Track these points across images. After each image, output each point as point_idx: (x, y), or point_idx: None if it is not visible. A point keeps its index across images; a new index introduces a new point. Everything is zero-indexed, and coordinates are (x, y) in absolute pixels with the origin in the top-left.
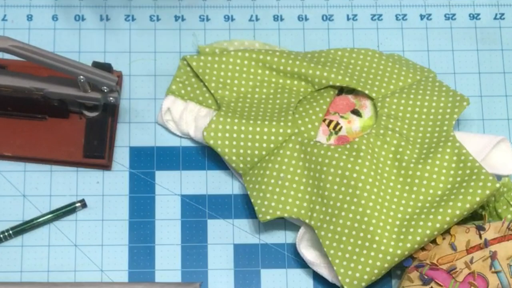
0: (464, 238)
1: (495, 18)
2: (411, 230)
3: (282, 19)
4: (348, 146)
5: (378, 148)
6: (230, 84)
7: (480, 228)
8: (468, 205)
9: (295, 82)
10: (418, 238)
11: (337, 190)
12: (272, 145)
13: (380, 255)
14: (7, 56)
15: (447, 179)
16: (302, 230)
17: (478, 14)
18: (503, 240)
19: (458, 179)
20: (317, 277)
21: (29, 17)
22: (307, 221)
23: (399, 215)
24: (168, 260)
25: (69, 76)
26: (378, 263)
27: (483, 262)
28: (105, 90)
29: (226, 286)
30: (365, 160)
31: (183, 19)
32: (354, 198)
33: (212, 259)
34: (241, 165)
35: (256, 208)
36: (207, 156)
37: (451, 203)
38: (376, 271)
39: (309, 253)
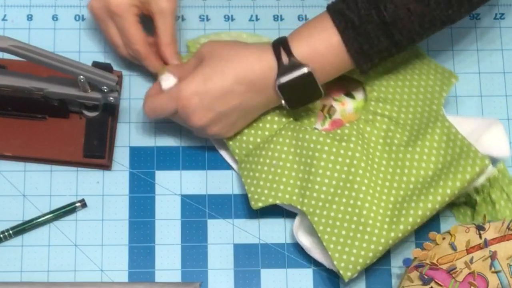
0: (464, 238)
1: (495, 18)
2: (404, 212)
3: (282, 19)
4: (339, 131)
5: (368, 134)
6: None
7: (480, 228)
8: (459, 184)
9: None
10: (411, 220)
11: (329, 176)
12: (267, 133)
13: (374, 239)
14: (7, 56)
15: (438, 159)
16: (299, 217)
17: (478, 14)
18: (503, 240)
19: (448, 158)
20: (317, 277)
21: (29, 17)
22: (299, 207)
23: (392, 198)
24: (168, 260)
25: (69, 76)
26: (373, 246)
27: (483, 262)
28: (105, 90)
29: (226, 286)
30: (355, 145)
31: (183, 19)
32: (346, 184)
33: (212, 259)
34: (237, 151)
35: (249, 195)
36: (207, 156)
37: (441, 183)
38: (370, 254)
39: (306, 239)
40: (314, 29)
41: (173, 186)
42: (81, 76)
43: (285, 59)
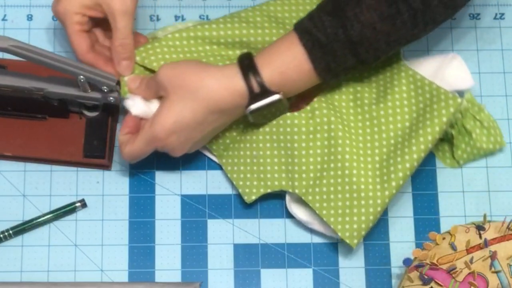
0: (464, 238)
1: (495, 18)
2: (392, 169)
3: None
4: (308, 108)
5: (337, 102)
6: None
7: (480, 228)
8: (437, 128)
9: (237, 52)
10: (401, 174)
11: (312, 154)
12: (241, 126)
13: (371, 202)
14: (7, 56)
15: (411, 108)
16: (289, 193)
17: (478, 14)
18: (503, 240)
19: (421, 105)
20: (317, 277)
21: (29, 17)
22: (290, 190)
23: (377, 158)
24: (168, 260)
25: (69, 76)
26: (371, 210)
27: (483, 262)
28: (105, 90)
29: (226, 286)
30: (329, 117)
31: (183, 19)
32: (330, 156)
33: (212, 259)
34: (214, 147)
35: (240, 190)
36: (207, 156)
37: (421, 132)
38: (371, 217)
39: (302, 213)
40: (283, 52)
41: (173, 186)
42: (81, 76)
43: (255, 86)
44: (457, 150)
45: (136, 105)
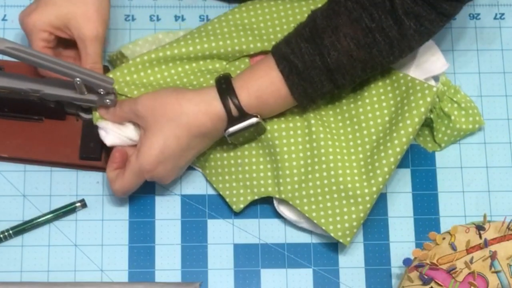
0: (464, 238)
1: (495, 18)
2: (377, 164)
3: None
4: (288, 112)
5: (315, 104)
6: (152, 87)
7: (480, 228)
8: (417, 119)
9: (208, 61)
10: (386, 169)
11: (296, 158)
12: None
13: (359, 199)
14: (4, 57)
15: (388, 102)
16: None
17: (478, 14)
18: (503, 240)
19: (398, 98)
20: (317, 277)
21: None
22: (277, 196)
23: (361, 156)
24: (168, 260)
25: (65, 78)
26: (361, 207)
27: (483, 262)
28: (102, 93)
29: (226, 286)
30: (309, 119)
31: (183, 19)
32: (314, 159)
33: (212, 259)
34: (195, 159)
35: (227, 199)
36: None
37: (401, 125)
38: (362, 215)
39: (291, 213)
40: (260, 77)
41: (173, 186)
42: (78, 78)
43: (233, 109)
44: (438, 134)
45: (110, 135)
